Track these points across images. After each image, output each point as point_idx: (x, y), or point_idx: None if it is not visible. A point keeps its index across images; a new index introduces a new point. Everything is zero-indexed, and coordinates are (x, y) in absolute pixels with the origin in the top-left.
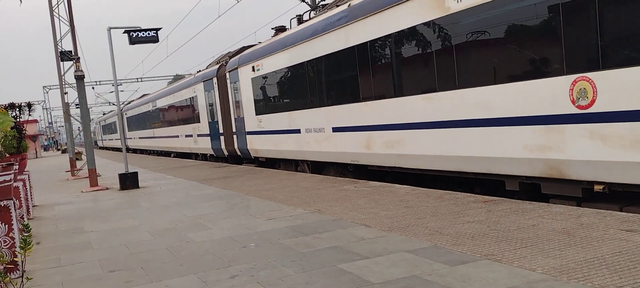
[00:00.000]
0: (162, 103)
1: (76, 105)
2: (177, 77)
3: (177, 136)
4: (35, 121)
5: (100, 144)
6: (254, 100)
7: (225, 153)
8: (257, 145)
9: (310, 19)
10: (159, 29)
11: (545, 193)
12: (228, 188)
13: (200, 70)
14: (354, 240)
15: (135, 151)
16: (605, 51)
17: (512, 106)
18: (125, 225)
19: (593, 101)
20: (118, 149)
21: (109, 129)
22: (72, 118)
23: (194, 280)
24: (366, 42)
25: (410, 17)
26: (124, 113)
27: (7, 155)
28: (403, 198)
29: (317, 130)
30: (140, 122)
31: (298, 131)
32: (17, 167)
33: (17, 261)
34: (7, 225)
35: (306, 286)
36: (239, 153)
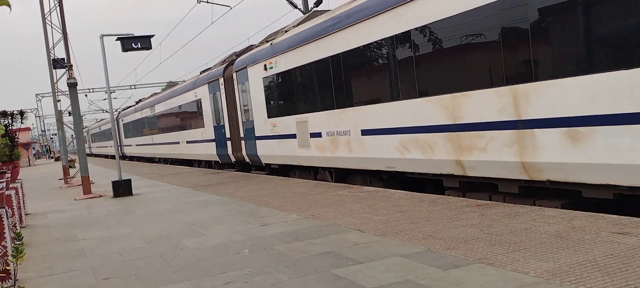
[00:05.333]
0: (103, 128)
1: (69, 112)
2: (170, 84)
3: (107, 146)
4: (28, 129)
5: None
6: (124, 131)
7: (122, 155)
8: (127, 151)
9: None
10: (152, 36)
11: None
12: (222, 195)
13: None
14: (347, 245)
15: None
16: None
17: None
18: (119, 233)
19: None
20: (87, 154)
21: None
22: (65, 125)
23: (188, 287)
24: (179, 105)
25: (192, 96)
26: (89, 131)
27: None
28: (397, 203)
29: (144, 145)
30: (95, 137)
31: (143, 144)
32: (9, 175)
33: (9, 269)
34: None
35: None
36: (125, 154)
